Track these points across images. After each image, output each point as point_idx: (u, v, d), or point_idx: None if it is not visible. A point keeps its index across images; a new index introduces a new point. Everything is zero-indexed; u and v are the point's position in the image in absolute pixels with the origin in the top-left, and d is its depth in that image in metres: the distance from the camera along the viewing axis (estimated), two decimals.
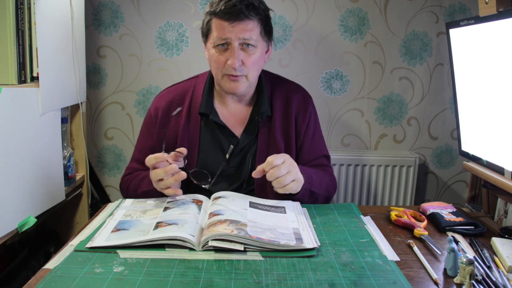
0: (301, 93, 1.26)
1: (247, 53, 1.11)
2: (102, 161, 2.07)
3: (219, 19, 1.08)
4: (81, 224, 1.73)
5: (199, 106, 1.20)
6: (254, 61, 1.12)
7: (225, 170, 1.19)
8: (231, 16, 1.06)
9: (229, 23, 1.07)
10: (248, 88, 1.17)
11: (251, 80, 1.15)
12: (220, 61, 1.11)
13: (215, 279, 0.73)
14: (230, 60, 1.09)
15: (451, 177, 2.11)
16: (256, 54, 1.12)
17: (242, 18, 1.07)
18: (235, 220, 0.88)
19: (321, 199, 1.15)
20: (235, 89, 1.13)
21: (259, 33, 1.12)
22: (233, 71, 1.10)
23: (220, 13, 1.07)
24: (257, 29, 1.10)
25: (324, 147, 1.29)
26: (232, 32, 1.08)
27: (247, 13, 1.07)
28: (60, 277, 0.73)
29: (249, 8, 1.07)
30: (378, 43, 1.96)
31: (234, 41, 1.08)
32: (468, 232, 0.95)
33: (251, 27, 1.09)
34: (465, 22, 1.12)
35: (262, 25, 1.12)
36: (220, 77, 1.14)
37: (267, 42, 1.17)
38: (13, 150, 1.20)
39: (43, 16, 1.33)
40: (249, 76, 1.13)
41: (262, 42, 1.14)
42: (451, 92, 1.91)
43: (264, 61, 1.19)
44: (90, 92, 1.96)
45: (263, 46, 1.15)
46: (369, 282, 0.72)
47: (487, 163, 1.10)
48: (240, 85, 1.13)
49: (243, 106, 1.23)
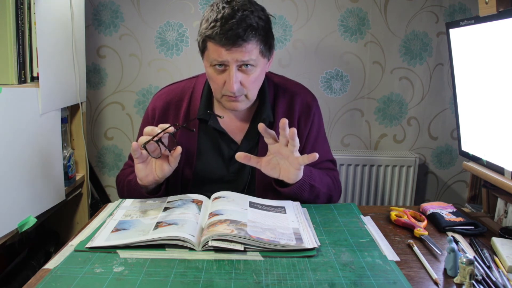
0: (304, 95, 1.21)
1: (246, 74, 1.04)
2: (102, 161, 2.07)
3: (215, 43, 1.01)
4: (81, 224, 1.73)
5: (198, 110, 1.16)
6: (254, 80, 1.07)
7: (224, 176, 1.18)
8: (227, 42, 0.98)
9: (226, 48, 1.00)
10: (249, 104, 1.12)
11: (251, 98, 1.10)
12: (218, 82, 1.06)
13: (215, 279, 0.73)
14: (228, 84, 1.04)
15: (451, 177, 2.11)
16: (256, 73, 1.06)
17: (240, 43, 0.99)
18: (235, 220, 0.88)
19: (322, 197, 1.12)
20: (235, 107, 1.09)
21: (259, 53, 1.04)
22: (232, 94, 1.05)
23: (216, 37, 0.99)
24: (256, 50, 1.03)
25: (328, 152, 1.25)
26: (229, 56, 1.00)
27: (245, 38, 0.99)
28: (60, 277, 0.73)
29: (247, 31, 0.99)
30: (378, 43, 1.96)
31: (232, 64, 1.02)
32: (468, 232, 0.95)
33: (249, 49, 1.01)
34: (465, 22, 1.11)
35: (262, 44, 1.04)
36: (220, 96, 1.09)
37: (268, 57, 1.10)
38: (13, 150, 1.20)
39: (43, 16, 1.33)
40: (249, 95, 1.08)
41: (262, 59, 1.06)
42: (451, 92, 1.91)
43: (266, 70, 1.14)
44: (90, 92, 1.96)
45: (263, 63, 1.08)
46: (369, 282, 0.72)
47: (487, 163, 1.10)
48: (240, 104, 1.09)
49: (244, 112, 1.18)
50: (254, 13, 1.02)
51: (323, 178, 1.14)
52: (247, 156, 1.04)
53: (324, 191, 1.13)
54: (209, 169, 1.17)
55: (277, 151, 1.03)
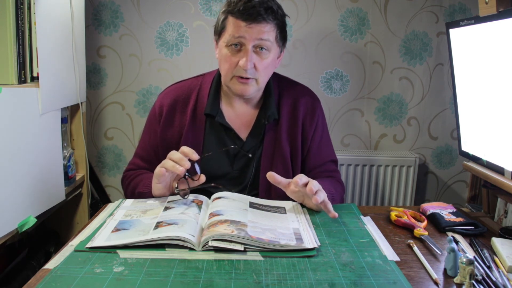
0: (309, 96, 1.23)
1: (260, 57, 1.08)
2: (102, 161, 2.07)
3: (236, 18, 1.06)
4: (81, 224, 1.73)
5: (205, 106, 1.17)
6: (266, 65, 1.10)
7: (229, 173, 1.18)
8: (248, 17, 1.04)
9: (246, 23, 1.05)
10: (256, 92, 1.15)
11: (260, 85, 1.13)
12: (231, 62, 1.09)
13: (215, 279, 0.73)
14: (243, 61, 1.06)
15: (451, 177, 2.11)
16: (269, 59, 1.10)
17: (259, 20, 1.05)
18: (235, 221, 0.88)
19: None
20: (244, 91, 1.11)
21: (275, 38, 1.10)
22: (244, 73, 1.08)
23: (238, 12, 1.05)
24: (273, 33, 1.08)
25: (331, 152, 1.27)
26: (248, 32, 1.05)
27: (265, 16, 1.05)
28: (60, 277, 0.73)
29: (267, 12, 1.05)
30: (378, 43, 1.96)
31: (248, 42, 1.06)
32: (468, 232, 0.95)
33: (267, 29, 1.06)
34: (465, 22, 1.12)
35: (279, 30, 1.10)
36: (230, 78, 1.11)
37: (281, 47, 1.15)
38: (13, 150, 1.20)
39: (43, 16, 1.33)
40: (259, 80, 1.11)
41: (276, 47, 1.12)
42: (451, 92, 1.91)
43: (275, 67, 1.17)
44: (90, 92, 1.96)
45: (276, 51, 1.13)
46: (369, 282, 0.72)
47: (487, 163, 1.10)
48: (250, 88, 1.11)
49: (250, 109, 1.20)
50: (275, 1, 1.11)
51: (338, 190, 1.16)
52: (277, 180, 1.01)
53: (338, 202, 1.15)
54: (214, 165, 1.17)
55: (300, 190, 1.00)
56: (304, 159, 1.22)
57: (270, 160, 1.17)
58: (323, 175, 1.21)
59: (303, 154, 1.21)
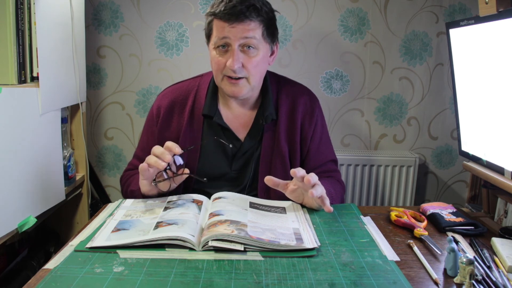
0: (307, 96, 1.23)
1: (248, 55, 1.08)
2: (102, 161, 2.07)
3: (219, 19, 1.06)
4: (81, 224, 1.73)
5: (203, 107, 1.17)
6: (256, 64, 1.09)
7: (227, 173, 1.18)
8: (231, 17, 1.04)
9: (229, 24, 1.04)
10: (250, 92, 1.14)
11: (253, 84, 1.11)
12: (220, 63, 1.09)
13: (215, 279, 0.73)
14: (229, 62, 1.06)
15: (451, 177, 2.11)
16: (258, 57, 1.09)
17: (242, 18, 1.04)
18: (235, 221, 0.88)
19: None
20: (236, 93, 1.10)
21: (261, 35, 1.08)
22: (232, 73, 1.07)
23: (220, 13, 1.04)
24: (258, 30, 1.07)
25: (331, 152, 1.27)
26: (231, 32, 1.05)
27: (247, 14, 1.04)
28: (60, 277, 0.73)
29: (249, 9, 1.04)
30: (378, 43, 1.96)
31: (234, 41, 1.06)
32: (468, 232, 0.95)
33: (252, 27, 1.05)
34: (465, 22, 1.12)
35: (265, 26, 1.09)
36: (220, 79, 1.11)
37: (270, 44, 1.14)
38: (13, 150, 1.20)
39: (43, 16, 1.33)
40: (251, 79, 1.10)
41: (264, 44, 1.10)
42: (451, 92, 1.91)
43: (269, 64, 1.16)
44: (90, 92, 1.96)
45: (265, 49, 1.11)
46: (369, 282, 0.72)
47: (487, 163, 1.10)
48: (241, 89, 1.10)
49: (248, 109, 1.20)
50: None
51: (337, 190, 1.15)
52: (275, 182, 1.03)
53: (338, 202, 1.15)
54: (212, 166, 1.17)
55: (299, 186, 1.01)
56: (304, 159, 1.21)
57: (268, 160, 1.17)
58: (323, 175, 1.20)
59: (302, 155, 1.21)
